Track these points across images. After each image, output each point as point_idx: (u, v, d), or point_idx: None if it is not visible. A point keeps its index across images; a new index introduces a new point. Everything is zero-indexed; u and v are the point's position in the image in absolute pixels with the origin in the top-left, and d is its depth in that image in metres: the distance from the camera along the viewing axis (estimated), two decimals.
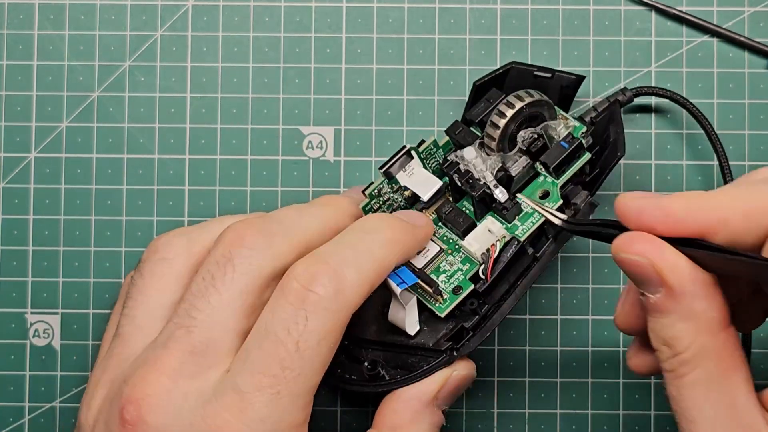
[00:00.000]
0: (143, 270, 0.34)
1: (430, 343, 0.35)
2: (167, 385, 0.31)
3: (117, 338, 0.33)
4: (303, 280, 0.31)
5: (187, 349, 0.31)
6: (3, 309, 0.41)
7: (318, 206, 0.34)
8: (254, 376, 0.30)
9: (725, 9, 0.41)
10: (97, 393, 0.33)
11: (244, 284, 0.31)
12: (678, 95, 0.39)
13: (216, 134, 0.41)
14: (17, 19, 0.41)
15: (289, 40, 0.41)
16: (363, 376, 0.35)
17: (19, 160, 0.41)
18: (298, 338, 0.30)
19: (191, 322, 0.31)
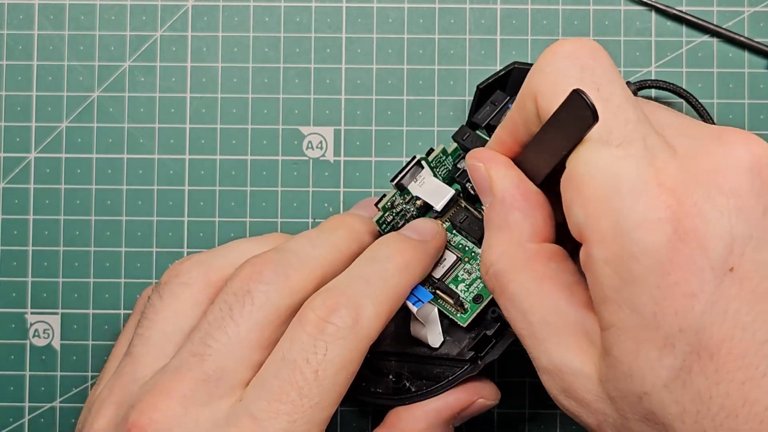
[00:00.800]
0: (163, 291, 0.34)
1: (454, 353, 0.35)
2: (177, 411, 0.30)
3: (128, 357, 0.33)
4: (321, 312, 0.31)
5: (200, 377, 0.31)
6: (3, 309, 0.41)
7: (330, 231, 0.35)
8: (271, 403, 0.30)
9: (725, 9, 0.41)
10: (101, 414, 0.32)
11: (261, 317, 0.32)
12: (681, 88, 0.39)
13: (216, 134, 0.41)
14: (17, 19, 0.41)
15: (289, 40, 0.41)
16: (388, 389, 0.35)
17: (19, 160, 0.41)
18: (317, 367, 0.30)
19: (206, 350, 0.31)
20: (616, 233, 0.26)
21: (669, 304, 0.25)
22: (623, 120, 0.27)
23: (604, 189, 0.26)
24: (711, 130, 0.27)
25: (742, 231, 0.25)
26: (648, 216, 0.26)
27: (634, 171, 0.26)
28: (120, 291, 0.40)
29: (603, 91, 0.28)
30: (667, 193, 0.26)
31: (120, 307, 0.40)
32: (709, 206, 0.25)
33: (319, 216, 0.41)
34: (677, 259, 0.25)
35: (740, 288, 0.25)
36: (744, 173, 0.26)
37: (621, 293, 0.26)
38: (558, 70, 0.28)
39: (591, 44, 0.29)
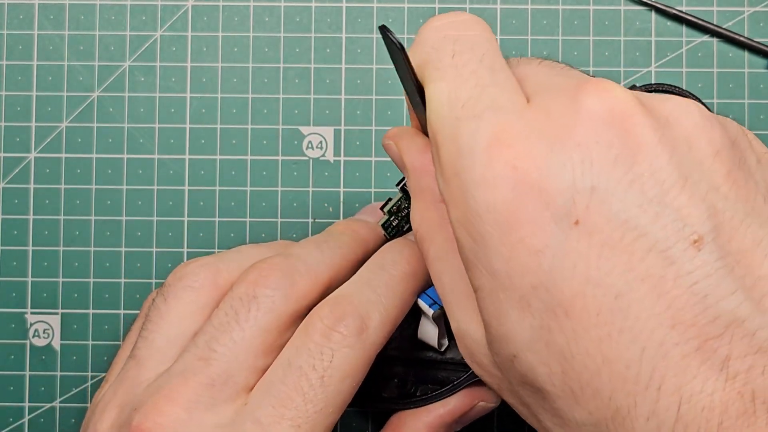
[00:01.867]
0: (167, 294, 0.34)
1: (459, 357, 0.35)
2: (181, 415, 0.30)
3: (132, 360, 0.33)
4: (328, 320, 0.31)
5: (204, 381, 0.31)
6: (3, 309, 0.41)
7: (336, 238, 0.35)
8: (276, 408, 0.30)
9: (725, 9, 0.41)
10: (105, 417, 0.32)
11: (267, 322, 0.31)
12: (686, 91, 0.39)
13: (216, 134, 0.41)
14: (17, 19, 0.41)
15: (289, 40, 0.41)
16: (393, 393, 0.35)
17: (19, 160, 0.41)
18: (323, 373, 0.30)
19: (211, 354, 0.31)
20: (461, 194, 0.25)
21: (517, 262, 0.24)
22: (473, 84, 0.26)
23: (451, 152, 0.26)
24: (572, 82, 0.26)
25: (586, 183, 0.24)
26: (486, 174, 0.25)
27: (473, 130, 0.25)
28: (120, 291, 0.40)
29: (459, 57, 0.27)
30: (508, 151, 0.25)
31: (120, 307, 0.40)
32: (552, 160, 0.24)
33: (319, 216, 0.41)
34: (519, 215, 0.24)
35: (589, 241, 0.24)
36: (593, 124, 0.24)
37: (476, 255, 0.26)
38: (424, 41, 0.28)
39: (467, 17, 0.28)
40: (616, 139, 0.24)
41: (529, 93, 0.27)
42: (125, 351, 0.35)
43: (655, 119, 0.25)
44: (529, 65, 0.28)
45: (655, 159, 0.24)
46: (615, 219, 0.24)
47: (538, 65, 0.28)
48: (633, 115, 0.25)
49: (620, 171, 0.24)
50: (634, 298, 0.23)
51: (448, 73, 0.27)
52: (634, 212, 0.24)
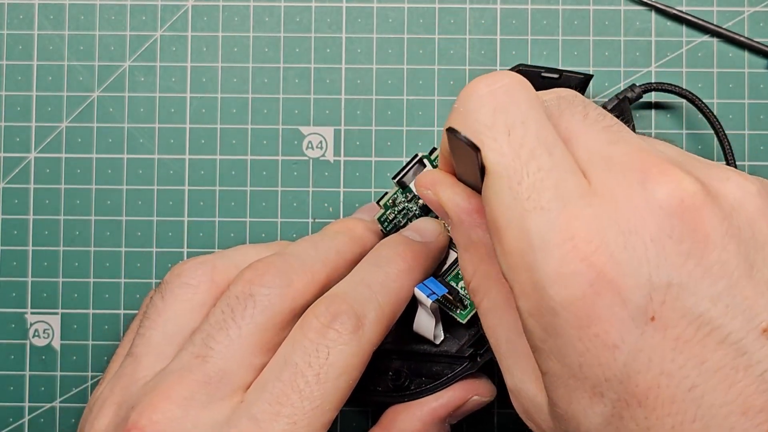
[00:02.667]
0: (165, 292, 0.34)
1: (453, 350, 0.35)
2: (177, 413, 0.30)
3: (129, 357, 0.33)
4: (324, 318, 0.31)
5: (201, 379, 0.31)
6: (3, 309, 0.41)
7: (332, 236, 0.35)
8: (272, 405, 0.30)
9: (725, 9, 0.41)
10: (102, 414, 0.32)
11: (263, 320, 0.32)
12: (686, 91, 0.39)
13: (216, 134, 0.41)
14: (17, 19, 0.41)
15: (289, 40, 0.41)
16: (387, 386, 0.35)
17: (19, 160, 0.41)
18: (319, 370, 0.30)
19: (208, 352, 0.31)
20: (534, 288, 0.26)
21: (592, 356, 0.25)
22: (535, 168, 0.26)
23: (518, 243, 0.26)
24: (637, 165, 0.26)
25: (662, 279, 0.24)
26: (562, 271, 0.25)
27: (543, 224, 0.25)
28: (120, 291, 0.40)
29: (514, 134, 0.27)
30: (581, 245, 0.25)
31: (120, 307, 0.40)
32: (627, 255, 0.25)
33: (319, 216, 0.41)
34: (596, 311, 0.25)
35: (663, 336, 0.24)
36: (664, 218, 0.25)
37: (547, 344, 0.26)
38: (470, 111, 0.28)
39: (508, 81, 0.28)
40: (688, 233, 0.25)
41: (584, 166, 0.27)
42: (123, 349, 0.35)
43: (721, 208, 0.25)
44: (573, 119, 0.28)
45: (724, 251, 0.25)
46: (689, 314, 0.24)
47: (583, 122, 0.28)
48: (702, 207, 0.25)
49: (692, 264, 0.25)
50: (707, 389, 0.24)
51: (508, 158, 0.26)
52: (706, 306, 0.24)
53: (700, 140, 0.40)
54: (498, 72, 0.28)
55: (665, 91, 0.39)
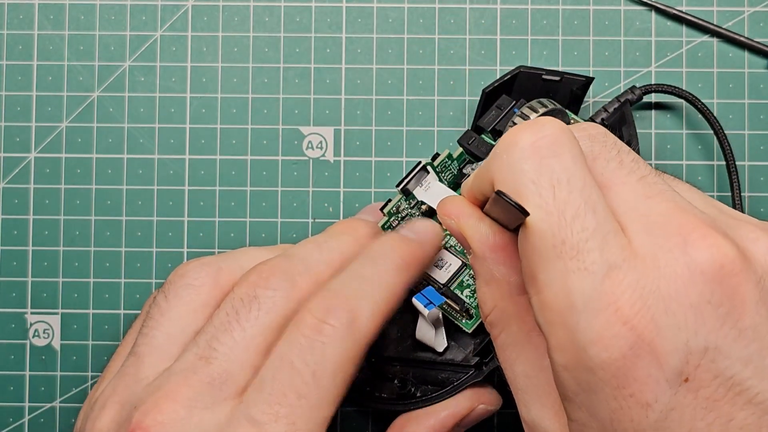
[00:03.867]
0: (168, 292, 0.34)
1: (459, 359, 0.35)
2: (181, 413, 0.30)
3: (132, 357, 0.33)
4: (318, 314, 0.31)
5: (205, 380, 0.31)
6: (3, 309, 0.41)
7: (336, 237, 0.35)
8: (271, 406, 0.30)
9: (725, 9, 0.41)
10: (104, 414, 0.32)
11: (267, 322, 0.32)
12: (688, 93, 0.39)
13: (216, 134, 0.41)
14: (17, 19, 0.41)
15: (289, 40, 0.41)
16: (393, 394, 0.35)
17: (19, 160, 0.41)
18: (315, 368, 0.30)
19: (212, 353, 0.31)
20: (573, 346, 0.26)
21: (625, 413, 0.26)
22: (579, 228, 0.26)
23: (558, 300, 0.26)
24: (676, 227, 0.27)
25: (699, 344, 0.25)
26: (603, 334, 0.25)
27: (588, 287, 0.26)
28: (120, 291, 0.40)
29: (559, 192, 0.27)
30: (623, 309, 0.25)
31: (120, 307, 0.40)
32: (667, 321, 0.25)
33: (319, 216, 0.41)
34: (633, 373, 0.25)
35: (695, 396, 0.25)
36: (705, 284, 0.25)
37: (579, 397, 0.27)
38: (515, 163, 0.27)
39: (552, 132, 0.28)
40: (725, 298, 0.26)
41: (622, 219, 0.27)
42: (124, 348, 0.35)
43: (755, 272, 0.26)
44: (608, 165, 0.28)
45: (757, 314, 0.26)
46: (722, 375, 0.25)
47: (619, 170, 0.28)
48: (739, 272, 0.26)
49: (728, 328, 0.25)
50: None
51: (553, 216, 0.26)
52: (738, 368, 0.25)
53: (701, 140, 0.40)
54: (540, 119, 0.28)
55: (665, 92, 0.39)
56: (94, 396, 0.34)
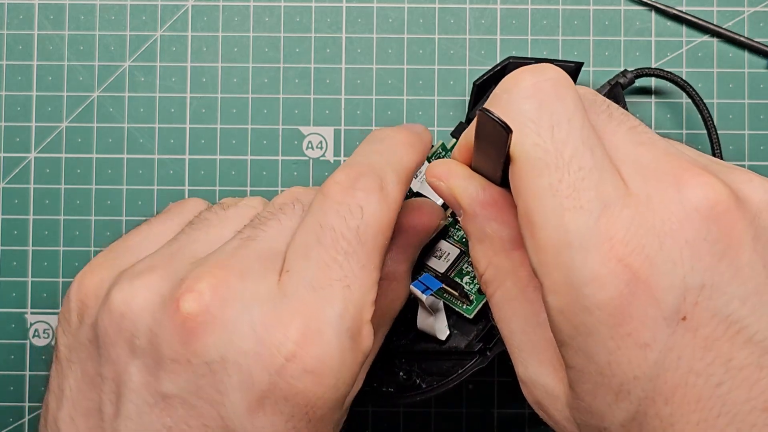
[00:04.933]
0: (228, 207, 0.33)
1: (462, 346, 0.35)
2: (235, 282, 0.29)
3: (172, 242, 0.32)
4: (346, 182, 0.30)
5: (252, 255, 0.30)
6: (3, 309, 0.41)
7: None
8: (323, 270, 0.29)
9: (725, 9, 0.41)
10: (141, 283, 0.30)
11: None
12: (678, 77, 0.38)
13: (216, 134, 0.41)
14: (17, 19, 0.41)
15: (289, 40, 0.41)
16: (399, 386, 0.35)
17: (19, 160, 0.41)
18: (357, 229, 0.30)
19: (258, 234, 0.31)
20: (568, 286, 0.26)
21: (623, 354, 0.26)
22: (576, 167, 0.26)
23: (554, 240, 0.26)
24: (669, 169, 0.27)
25: (696, 280, 0.25)
26: (599, 271, 0.25)
27: (583, 224, 0.26)
28: None
29: (558, 132, 0.27)
30: (618, 247, 0.25)
31: None
32: (662, 257, 0.25)
33: None
34: (629, 311, 0.25)
35: (694, 335, 0.25)
36: (699, 221, 0.25)
37: (576, 341, 0.26)
38: (515, 102, 0.28)
39: (555, 76, 0.28)
40: (721, 235, 0.25)
41: (617, 165, 0.27)
42: (132, 237, 0.34)
43: (749, 210, 0.26)
44: (599, 118, 0.28)
45: (753, 252, 0.26)
46: (720, 313, 0.25)
47: (609, 122, 0.28)
48: (734, 210, 0.26)
49: (725, 265, 0.25)
50: (732, 385, 0.25)
51: (551, 155, 0.26)
52: (736, 306, 0.25)
53: (700, 140, 0.40)
54: (543, 65, 0.28)
55: (656, 76, 0.39)
56: (98, 272, 0.32)
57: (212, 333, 0.28)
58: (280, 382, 0.28)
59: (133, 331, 0.29)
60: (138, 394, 0.29)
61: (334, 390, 0.29)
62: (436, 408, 0.40)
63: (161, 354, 0.28)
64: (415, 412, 0.40)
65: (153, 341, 0.29)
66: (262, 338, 0.28)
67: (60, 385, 0.31)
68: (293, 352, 0.28)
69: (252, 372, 0.28)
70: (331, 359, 0.28)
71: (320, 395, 0.28)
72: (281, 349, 0.28)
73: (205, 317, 0.28)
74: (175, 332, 0.28)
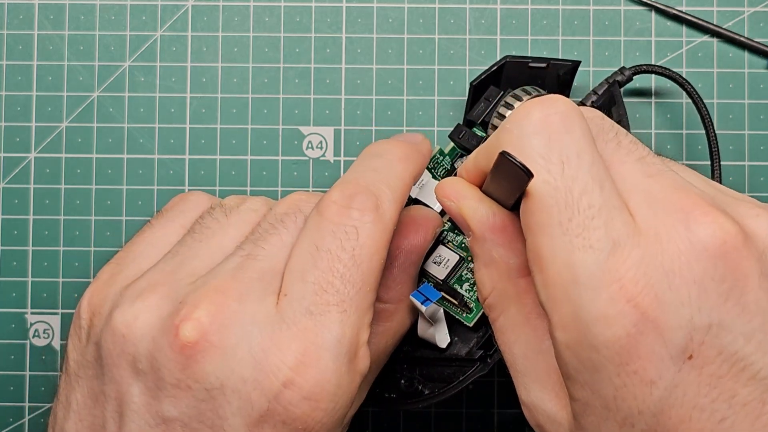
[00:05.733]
0: (229, 211, 0.33)
1: (463, 353, 0.35)
2: (234, 306, 0.29)
3: (172, 256, 0.32)
4: (341, 201, 0.31)
5: (254, 276, 0.30)
6: (3, 309, 0.41)
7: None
8: (320, 295, 0.29)
9: (725, 9, 0.41)
10: (142, 305, 0.30)
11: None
12: (676, 74, 0.38)
13: (216, 134, 0.41)
14: (17, 19, 0.41)
15: (289, 40, 0.41)
16: (401, 393, 0.35)
17: (19, 160, 0.41)
18: (353, 252, 0.30)
19: (259, 252, 0.31)
20: (576, 323, 0.26)
21: (628, 390, 0.26)
22: (586, 205, 0.26)
23: (563, 277, 0.26)
24: (678, 204, 0.27)
25: (703, 320, 0.25)
26: (607, 311, 0.25)
27: (592, 263, 0.26)
28: None
29: (568, 168, 0.27)
30: (627, 286, 0.25)
31: None
32: (671, 297, 0.25)
33: None
34: (637, 350, 0.25)
35: (699, 373, 0.25)
36: (708, 260, 0.26)
37: (582, 375, 0.26)
38: (525, 137, 0.28)
39: (563, 109, 0.28)
40: (728, 274, 0.26)
41: (626, 197, 0.27)
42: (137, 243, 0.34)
43: (756, 248, 0.26)
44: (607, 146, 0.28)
45: (759, 289, 0.26)
46: (725, 352, 0.25)
47: (618, 150, 0.28)
48: (741, 248, 0.26)
49: (731, 304, 0.25)
50: (736, 420, 0.25)
51: (560, 192, 0.27)
52: (741, 343, 0.25)
53: (699, 140, 0.40)
54: (552, 96, 0.28)
55: (654, 73, 0.39)
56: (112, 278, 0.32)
57: (211, 360, 0.28)
58: (278, 407, 0.28)
59: (134, 354, 0.29)
60: (140, 416, 0.29)
61: (332, 414, 0.29)
62: (436, 408, 0.40)
63: (162, 378, 0.29)
64: (415, 413, 0.40)
65: (154, 365, 0.29)
66: (261, 364, 0.29)
67: (68, 398, 0.31)
68: (290, 378, 0.28)
69: (251, 398, 0.28)
70: (329, 384, 0.29)
71: (318, 420, 0.29)
72: (279, 375, 0.28)
73: (204, 345, 0.29)
74: (175, 358, 0.29)
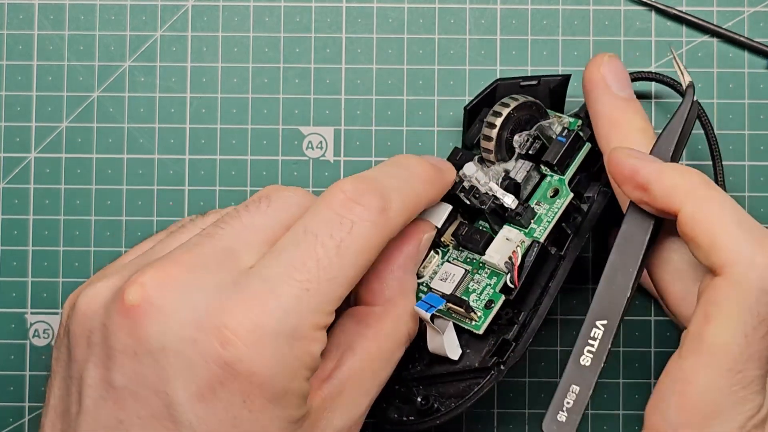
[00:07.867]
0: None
1: (476, 363, 0.34)
2: (181, 274, 0.29)
3: (159, 243, 0.32)
4: (351, 193, 0.31)
5: (208, 252, 0.30)
6: (3, 309, 0.41)
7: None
8: (286, 268, 0.29)
9: (725, 9, 0.41)
10: (99, 282, 0.31)
11: (277, 216, 0.31)
12: (672, 79, 0.38)
13: (216, 134, 0.41)
14: (17, 19, 0.41)
15: (289, 40, 0.41)
16: (418, 413, 0.35)
17: (19, 160, 0.41)
18: (340, 242, 0.30)
19: (217, 231, 0.31)
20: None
21: None
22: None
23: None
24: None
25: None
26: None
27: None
28: None
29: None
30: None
31: None
32: None
33: None
34: None
35: None
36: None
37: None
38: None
39: None
40: None
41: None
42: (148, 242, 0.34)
43: None
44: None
45: None
46: None
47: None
48: None
49: None
50: None
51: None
52: None
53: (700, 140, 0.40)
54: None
55: (650, 79, 0.39)
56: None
57: (154, 321, 0.28)
58: (215, 369, 0.28)
59: (90, 327, 0.30)
60: (94, 389, 0.29)
61: (269, 383, 0.28)
62: None
63: (112, 347, 0.29)
64: None
65: (105, 334, 0.29)
66: (201, 325, 0.28)
67: (48, 396, 0.32)
68: (228, 339, 0.28)
69: (191, 359, 0.28)
70: (266, 351, 0.28)
71: (257, 385, 0.28)
72: (218, 335, 0.28)
73: (146, 307, 0.29)
74: (121, 323, 0.29)
